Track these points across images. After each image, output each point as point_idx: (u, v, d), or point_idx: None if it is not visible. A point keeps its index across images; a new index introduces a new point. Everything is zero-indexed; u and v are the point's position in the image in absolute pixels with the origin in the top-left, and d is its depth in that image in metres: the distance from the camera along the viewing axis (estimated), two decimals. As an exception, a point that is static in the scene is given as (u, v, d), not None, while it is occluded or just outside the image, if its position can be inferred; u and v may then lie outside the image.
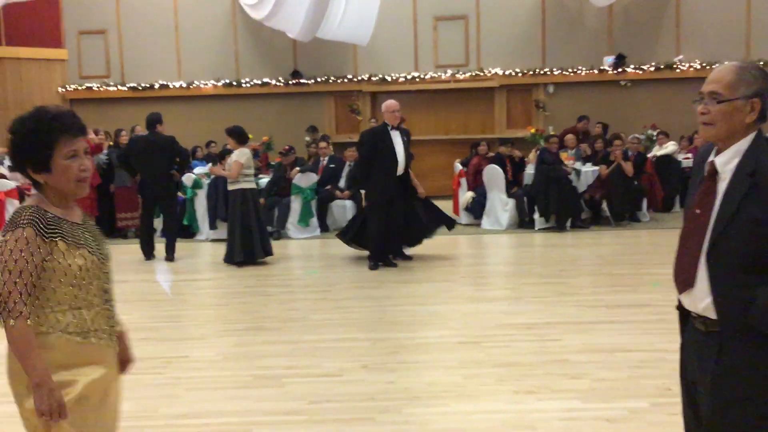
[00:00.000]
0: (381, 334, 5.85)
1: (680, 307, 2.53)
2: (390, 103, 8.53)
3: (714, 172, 2.36)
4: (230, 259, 8.71)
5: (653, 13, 14.75)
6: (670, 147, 12.59)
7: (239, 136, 8.81)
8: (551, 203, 10.63)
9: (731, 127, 2.31)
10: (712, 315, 2.33)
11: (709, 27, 14.37)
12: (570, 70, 14.76)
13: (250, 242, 8.66)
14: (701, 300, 2.36)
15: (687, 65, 14.45)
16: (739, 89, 2.29)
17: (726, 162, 2.33)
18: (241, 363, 5.20)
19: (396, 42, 15.14)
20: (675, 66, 14.48)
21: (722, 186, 2.32)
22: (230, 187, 8.79)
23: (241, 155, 8.66)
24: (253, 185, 8.86)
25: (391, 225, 8.36)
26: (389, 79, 15.16)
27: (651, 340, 5.25)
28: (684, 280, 2.42)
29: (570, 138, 12.22)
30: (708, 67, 14.30)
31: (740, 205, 2.25)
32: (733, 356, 2.30)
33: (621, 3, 14.37)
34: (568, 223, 10.80)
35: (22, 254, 2.20)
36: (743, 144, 2.31)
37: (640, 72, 14.52)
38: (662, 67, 14.54)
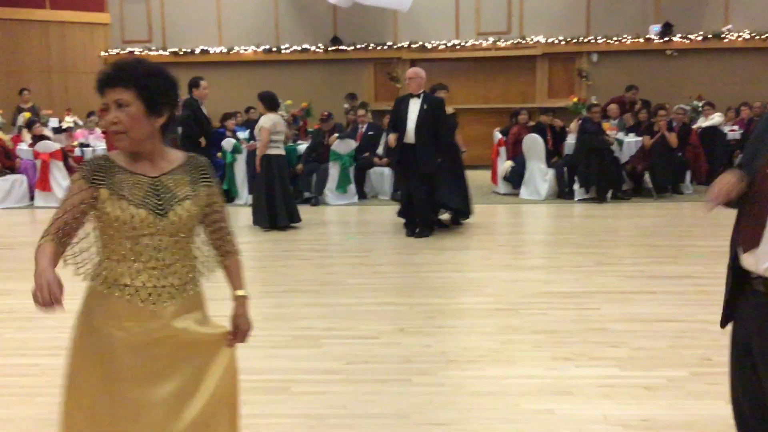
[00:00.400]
0: (418, 300, 5.86)
1: (735, 271, 2.46)
2: (409, 71, 8.51)
3: None
4: (258, 222, 8.82)
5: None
6: (715, 119, 12.30)
7: (270, 101, 8.82)
8: (592, 174, 10.49)
9: None
10: None
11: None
12: (615, 38, 14.46)
13: (273, 208, 8.74)
14: (765, 261, 2.31)
15: (736, 35, 14.04)
16: None
17: None
18: (280, 323, 5.26)
19: (437, 8, 14.96)
20: (723, 36, 14.08)
21: None
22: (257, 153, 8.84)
23: (267, 120, 8.68)
24: (280, 151, 8.87)
25: (412, 192, 8.30)
26: (429, 46, 15.02)
27: (692, 311, 5.18)
28: (750, 240, 2.35)
29: (613, 108, 12.01)
30: (757, 37, 13.92)
31: None
32: None
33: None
34: (609, 194, 10.66)
35: (71, 192, 2.29)
36: None
37: (687, 41, 14.16)
38: (710, 36, 14.15)
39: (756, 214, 2.32)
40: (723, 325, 2.61)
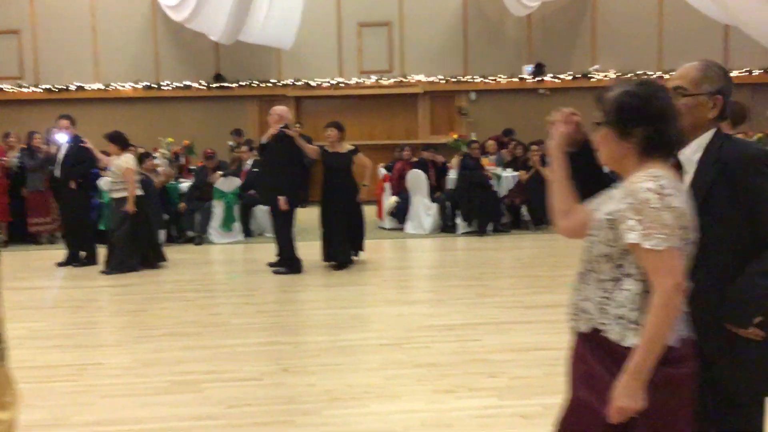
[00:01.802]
0: (303, 338, 5.82)
1: None
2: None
3: (678, 166, 2.42)
4: (118, 267, 8.55)
5: (570, 23, 15.21)
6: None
7: (122, 140, 8.69)
8: (473, 208, 10.82)
9: (694, 121, 2.41)
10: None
11: (623, 38, 14.92)
12: (491, 77, 15.06)
13: (137, 249, 8.60)
14: None
15: (603, 75, 14.94)
16: (703, 85, 2.41)
17: (689, 156, 2.43)
18: (158, 369, 5.08)
19: (320, 47, 15.15)
20: (591, 75, 14.96)
21: (687, 179, 2.41)
22: (115, 195, 8.59)
23: (129, 160, 8.56)
24: (140, 191, 8.72)
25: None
26: (313, 84, 15.15)
27: (566, 338, 5.38)
28: None
29: (491, 144, 12.45)
30: (623, 76, 14.86)
31: (708, 195, 2.34)
32: (710, 346, 2.34)
33: (539, 13, 14.76)
34: (490, 227, 11.00)
35: None
36: (704, 138, 2.42)
37: (558, 81, 14.94)
38: (578, 76, 15.00)
39: None
40: None
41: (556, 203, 2.47)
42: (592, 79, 14.90)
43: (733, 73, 14.67)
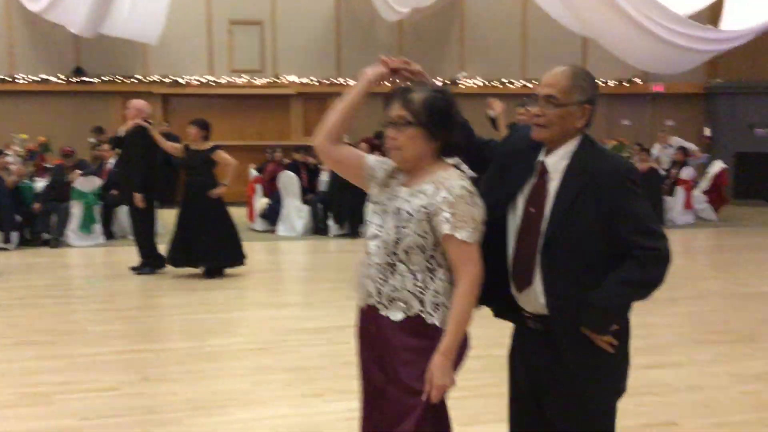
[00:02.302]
0: (166, 344, 5.60)
1: (502, 310, 2.55)
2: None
3: (544, 171, 2.42)
4: None
5: (440, 30, 15.55)
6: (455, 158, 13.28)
7: None
8: (345, 210, 10.82)
9: (564, 130, 2.39)
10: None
11: (489, 46, 15.41)
12: (364, 81, 15.12)
13: None
14: (538, 299, 2.39)
15: (471, 82, 15.38)
16: (573, 95, 2.37)
17: (556, 162, 2.40)
18: (6, 381, 4.72)
19: (189, 43, 14.70)
20: (459, 82, 15.36)
21: (553, 185, 2.38)
22: None
23: None
24: None
25: None
26: (182, 81, 14.68)
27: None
28: (522, 279, 2.42)
29: (363, 146, 12.49)
30: (489, 84, 15.35)
31: (573, 204, 2.33)
32: (568, 354, 2.37)
33: (410, 19, 14.98)
34: (362, 230, 11.04)
35: None
36: (571, 146, 2.40)
37: (429, 86, 15.22)
38: (448, 82, 15.35)
39: (526, 250, 2.40)
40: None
41: (331, 121, 2.55)
42: (460, 86, 15.30)
43: (591, 84, 15.52)
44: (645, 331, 5.81)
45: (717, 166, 13.45)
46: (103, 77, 14.34)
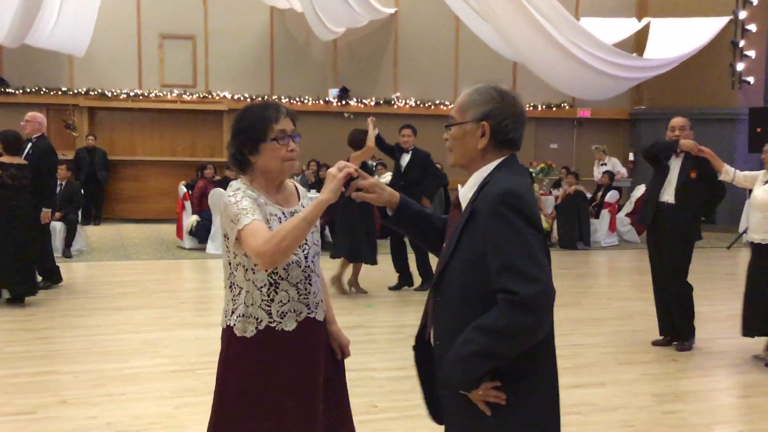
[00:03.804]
0: (86, 366, 5.39)
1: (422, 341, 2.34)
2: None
3: (457, 203, 2.19)
4: None
5: (374, 51, 15.66)
6: (387, 177, 13.34)
7: None
8: (276, 228, 10.70)
9: (465, 152, 2.15)
10: None
11: (422, 69, 15.59)
12: (297, 99, 15.10)
13: None
14: (434, 343, 2.23)
15: (403, 102, 15.51)
16: (468, 112, 2.15)
17: (466, 192, 2.16)
18: None
19: (118, 56, 14.41)
20: (393, 102, 15.47)
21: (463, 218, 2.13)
22: None
23: None
24: None
25: None
26: (109, 94, 14.35)
27: (361, 359, 5.43)
28: (427, 321, 2.30)
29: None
30: (421, 105, 15.51)
31: (460, 237, 2.08)
32: (446, 417, 2.21)
33: (345, 39, 15.05)
34: (292, 248, 10.93)
35: None
36: (482, 173, 2.13)
37: (362, 105, 15.28)
38: (381, 102, 15.45)
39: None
40: None
41: (292, 246, 2.34)
42: (394, 106, 15.42)
43: (521, 107, 15.86)
44: (570, 351, 5.92)
45: (640, 190, 13.90)
46: (26, 89, 13.89)
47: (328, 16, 13.44)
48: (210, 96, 14.83)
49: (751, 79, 15.17)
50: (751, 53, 15.08)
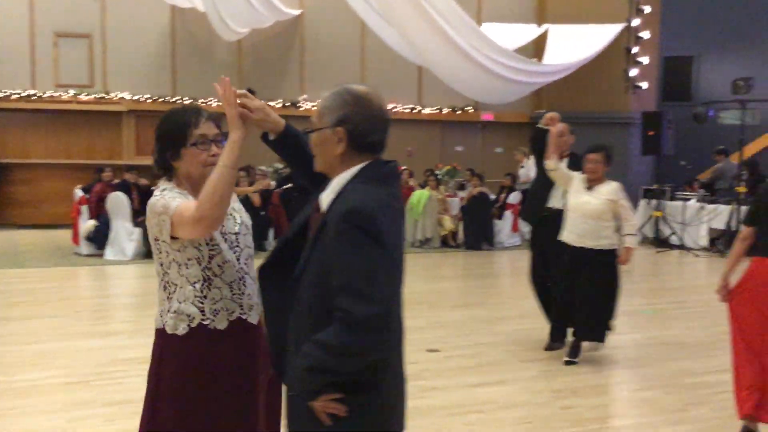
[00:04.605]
0: (-29, 381, 5.09)
1: None
2: None
3: (317, 208, 2.12)
4: None
5: (280, 53, 15.53)
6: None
7: None
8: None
9: (326, 158, 2.10)
10: None
11: (330, 71, 15.54)
12: (201, 100, 14.78)
13: None
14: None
15: (310, 104, 15.44)
16: (325, 117, 2.09)
17: (325, 197, 2.10)
18: None
19: (9, 55, 13.77)
20: (299, 104, 15.38)
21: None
22: None
23: None
24: None
25: None
26: (1, 94, 13.66)
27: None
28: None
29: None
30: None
31: (312, 248, 2.05)
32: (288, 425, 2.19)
33: (250, 40, 14.86)
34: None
35: None
36: (342, 180, 2.06)
37: (268, 107, 15.08)
38: (288, 104, 15.33)
39: None
40: None
41: (226, 198, 2.32)
42: (300, 108, 15.33)
43: (426, 111, 16.08)
44: (473, 350, 6.02)
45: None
46: None
47: (231, 16, 13.24)
48: (108, 96, 14.34)
49: (644, 84, 15.89)
50: (644, 59, 15.80)
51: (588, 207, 5.55)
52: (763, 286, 3.90)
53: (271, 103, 15.10)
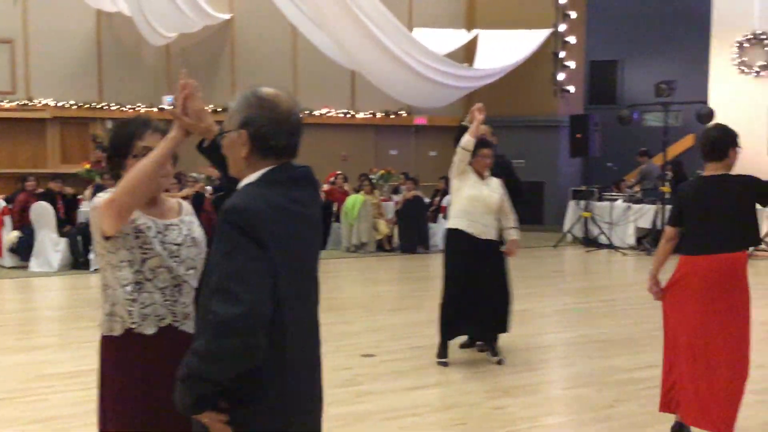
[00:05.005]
0: None
1: None
2: None
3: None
4: None
5: (210, 57, 15.32)
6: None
7: None
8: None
9: (235, 163, 2.07)
10: None
11: (261, 76, 15.37)
12: (129, 106, 14.48)
13: None
14: None
15: (243, 109, 15.26)
16: (231, 120, 2.05)
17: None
18: None
19: (-77, 60, 13.17)
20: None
21: None
22: None
23: None
24: None
25: None
26: None
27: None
28: None
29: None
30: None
31: (209, 251, 2.02)
32: None
33: (178, 44, 14.61)
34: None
35: None
36: (245, 183, 2.03)
37: (200, 113, 14.87)
38: (219, 110, 15.11)
39: None
40: None
41: (143, 191, 2.34)
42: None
43: (360, 115, 16.11)
44: (410, 354, 6.05)
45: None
46: None
47: (159, 20, 13.00)
48: (31, 103, 13.89)
49: (571, 88, 16.26)
50: (571, 64, 16.18)
51: (491, 200, 5.65)
52: (692, 283, 4.00)
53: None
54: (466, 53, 15.90)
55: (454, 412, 4.71)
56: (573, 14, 16.08)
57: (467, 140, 5.60)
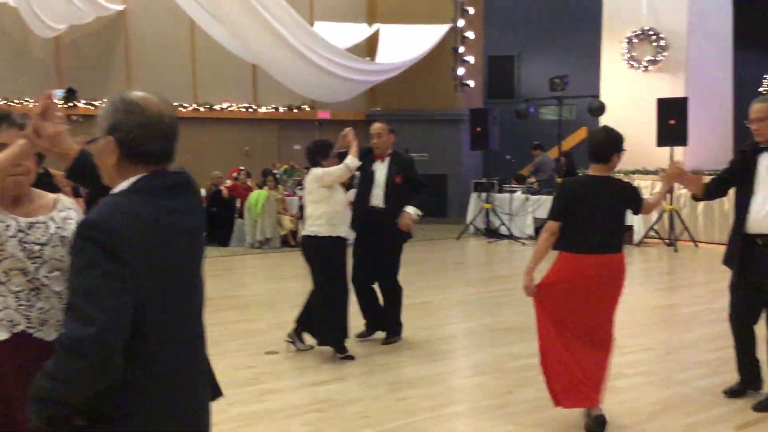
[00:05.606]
0: None
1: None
2: None
3: None
4: None
5: (103, 49, 14.77)
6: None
7: None
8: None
9: (105, 172, 1.98)
10: None
11: (158, 69, 14.94)
12: (17, 100, 13.78)
13: None
14: None
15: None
16: (101, 125, 1.96)
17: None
18: None
19: None
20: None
21: None
22: None
23: None
24: None
25: None
26: None
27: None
28: None
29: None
30: (159, 107, 14.92)
31: None
32: None
33: (69, 36, 14.02)
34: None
35: None
36: (114, 192, 1.95)
37: (92, 107, 14.31)
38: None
39: None
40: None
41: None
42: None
43: (262, 109, 15.92)
44: (312, 350, 6.02)
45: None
46: None
47: (46, 11, 12.44)
48: None
49: (471, 83, 16.57)
50: (470, 58, 16.48)
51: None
52: (574, 281, 4.10)
53: (96, 103, 14.35)
54: (368, 47, 15.96)
55: (357, 405, 4.73)
56: (471, 10, 16.39)
57: (356, 163, 5.83)
